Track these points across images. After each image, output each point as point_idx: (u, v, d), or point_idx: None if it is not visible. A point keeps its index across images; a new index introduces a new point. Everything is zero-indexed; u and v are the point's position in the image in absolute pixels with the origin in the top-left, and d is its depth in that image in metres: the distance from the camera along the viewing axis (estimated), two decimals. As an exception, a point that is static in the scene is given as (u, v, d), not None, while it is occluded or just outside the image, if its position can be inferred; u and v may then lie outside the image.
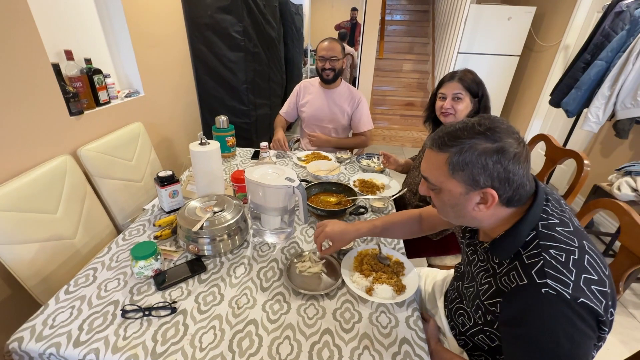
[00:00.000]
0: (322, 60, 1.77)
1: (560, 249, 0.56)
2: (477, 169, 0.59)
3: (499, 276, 0.64)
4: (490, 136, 0.58)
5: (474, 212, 0.64)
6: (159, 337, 0.73)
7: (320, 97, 1.88)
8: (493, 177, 0.58)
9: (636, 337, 1.58)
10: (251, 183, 0.98)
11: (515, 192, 0.60)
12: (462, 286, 0.81)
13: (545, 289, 0.53)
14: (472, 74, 1.21)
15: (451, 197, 0.64)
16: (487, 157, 0.58)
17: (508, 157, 0.58)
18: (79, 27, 1.49)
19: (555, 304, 0.52)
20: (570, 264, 0.55)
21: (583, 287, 0.53)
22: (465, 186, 0.61)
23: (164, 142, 2.03)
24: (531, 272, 0.56)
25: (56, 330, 0.74)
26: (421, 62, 4.90)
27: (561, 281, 0.53)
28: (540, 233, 0.59)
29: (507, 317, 0.61)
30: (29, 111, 1.15)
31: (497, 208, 0.63)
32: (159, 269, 0.90)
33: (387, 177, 1.50)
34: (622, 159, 2.29)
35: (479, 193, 0.61)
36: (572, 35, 2.84)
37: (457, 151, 0.60)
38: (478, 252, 0.74)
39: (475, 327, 0.74)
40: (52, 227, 1.12)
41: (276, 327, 0.77)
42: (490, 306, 0.66)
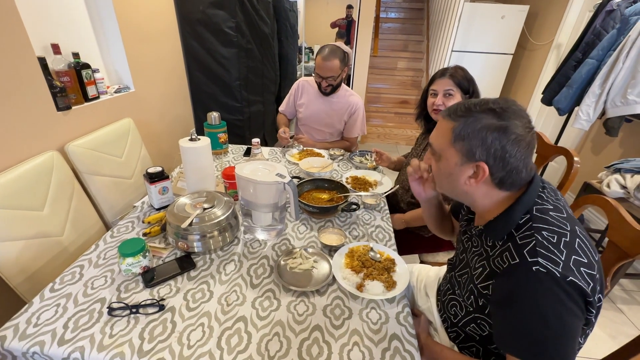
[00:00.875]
0: (319, 77, 1.71)
1: (552, 231, 0.58)
2: (475, 141, 0.61)
3: (492, 258, 0.65)
4: (499, 114, 0.60)
5: (465, 186, 0.66)
6: (146, 334, 0.72)
7: (318, 101, 1.84)
8: (489, 152, 0.60)
9: (625, 331, 1.61)
10: (242, 179, 0.98)
11: (508, 174, 0.62)
12: (455, 275, 0.81)
13: (536, 267, 0.55)
14: (463, 71, 1.21)
15: (447, 166, 0.67)
16: (488, 132, 0.60)
17: (508, 137, 0.59)
18: (67, 21, 1.46)
19: (545, 281, 0.54)
20: (561, 245, 0.56)
21: (572, 267, 0.54)
22: (461, 157, 0.64)
23: (155, 139, 2.00)
24: (523, 252, 0.57)
25: (40, 328, 0.72)
26: (416, 60, 4.91)
27: (552, 260, 0.54)
28: (534, 216, 0.61)
29: (498, 297, 0.62)
30: (14, 106, 1.12)
31: (489, 188, 0.65)
32: (147, 266, 0.89)
33: (379, 174, 1.50)
34: (612, 157, 2.32)
35: (472, 166, 0.63)
36: (565, 33, 2.86)
37: (463, 121, 0.62)
38: (472, 239, 0.75)
39: (467, 316, 0.74)
40: (38, 224, 1.10)
41: (265, 324, 0.76)
42: (483, 289, 0.66)
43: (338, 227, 1.14)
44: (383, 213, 1.25)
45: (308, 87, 1.89)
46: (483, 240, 0.70)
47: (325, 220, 1.18)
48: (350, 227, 1.15)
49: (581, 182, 1.91)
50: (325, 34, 6.49)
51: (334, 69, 1.66)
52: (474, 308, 0.71)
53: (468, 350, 0.78)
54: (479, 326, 0.71)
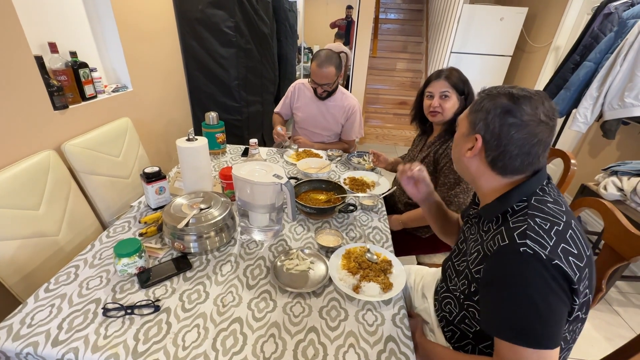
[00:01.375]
0: (314, 83, 1.70)
1: (545, 219, 0.60)
2: (481, 114, 0.66)
3: (485, 242, 0.66)
4: (514, 98, 0.63)
5: (464, 158, 0.71)
6: (141, 335, 0.72)
7: (315, 104, 1.83)
8: (487, 127, 0.65)
9: (621, 334, 1.61)
10: (239, 180, 0.97)
11: (501, 155, 0.65)
12: (452, 266, 0.81)
13: (523, 248, 0.56)
14: (458, 72, 1.21)
15: (458, 134, 0.74)
16: (493, 109, 0.64)
17: (510, 119, 0.62)
18: (64, 19, 1.46)
19: (531, 262, 0.55)
20: (552, 232, 0.58)
21: (560, 253, 0.56)
22: (469, 127, 0.69)
23: (153, 138, 1.99)
24: (513, 234, 0.59)
25: (34, 329, 0.72)
26: (415, 61, 4.91)
27: (540, 243, 0.56)
28: (531, 205, 0.63)
29: (485, 279, 0.63)
30: (10, 105, 1.12)
31: (484, 167, 0.69)
32: (143, 266, 0.88)
33: (377, 175, 1.50)
34: (609, 159, 2.33)
35: (472, 138, 0.68)
36: (563, 36, 2.87)
37: (485, 96, 0.67)
38: (472, 227, 0.78)
39: (460, 310, 0.75)
40: (34, 224, 1.10)
41: (261, 326, 0.76)
42: (475, 273, 0.68)
43: (335, 228, 1.14)
44: (380, 214, 1.25)
45: (304, 89, 1.87)
46: (480, 225, 0.73)
47: (323, 221, 1.18)
48: (347, 228, 1.15)
49: (578, 184, 1.91)
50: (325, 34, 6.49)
51: (330, 76, 1.65)
52: (465, 294, 0.72)
53: (463, 350, 0.79)
54: (470, 319, 0.72)
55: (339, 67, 1.67)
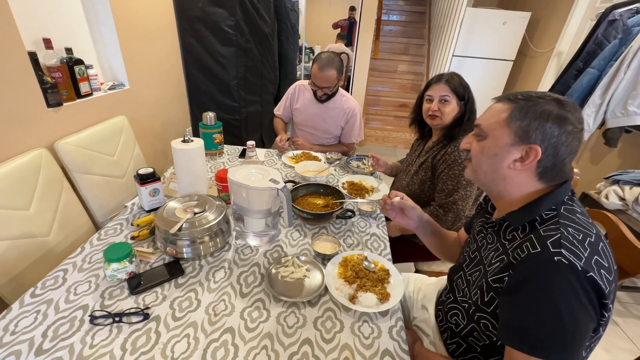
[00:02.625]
0: (314, 86, 1.68)
1: (578, 230, 0.58)
2: (535, 122, 0.61)
3: (509, 250, 0.63)
4: (562, 104, 0.61)
5: (507, 170, 0.65)
6: (129, 345, 0.70)
7: (314, 107, 1.81)
8: (545, 136, 0.60)
9: (619, 345, 1.60)
10: (234, 184, 0.95)
11: (555, 164, 0.62)
12: (464, 276, 0.78)
13: (558, 257, 0.54)
14: (459, 77, 1.19)
15: (494, 146, 0.66)
16: (549, 116, 0.60)
17: (566, 127, 0.60)
18: (60, 15, 1.42)
19: (565, 272, 0.53)
20: (585, 243, 0.56)
21: (594, 266, 0.54)
22: (514, 137, 0.63)
23: (149, 138, 1.97)
24: (546, 242, 0.57)
25: (18, 336, 0.69)
26: (416, 64, 4.89)
27: (575, 254, 0.54)
28: (561, 214, 0.61)
29: (510, 284, 0.60)
30: (2, 101, 1.09)
31: (529, 176, 0.64)
32: (133, 271, 0.86)
33: (376, 180, 1.48)
34: (611, 167, 2.31)
35: (524, 148, 0.62)
36: (566, 42, 2.85)
37: (524, 103, 0.63)
38: (488, 236, 0.74)
39: (470, 322, 0.72)
40: (23, 224, 1.07)
41: (254, 337, 0.74)
42: (494, 282, 0.64)
43: (332, 234, 1.12)
44: (379, 220, 1.22)
45: (304, 91, 1.85)
46: (501, 234, 0.69)
47: (320, 226, 1.15)
48: (345, 234, 1.13)
49: (580, 192, 1.90)
50: (327, 34, 6.47)
51: (331, 80, 1.62)
52: (477, 305, 0.68)
53: None
54: (480, 332, 0.69)
55: (340, 70, 1.65)
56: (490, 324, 0.66)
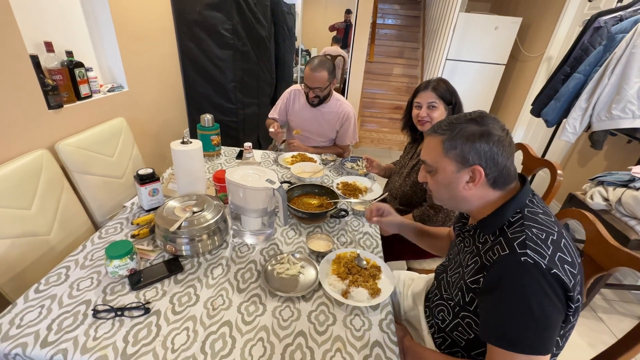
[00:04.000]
0: (307, 87, 1.71)
1: (541, 230, 0.63)
2: (466, 147, 0.68)
3: (482, 252, 0.69)
4: (479, 122, 0.68)
5: (464, 191, 0.71)
6: (131, 337, 0.73)
7: (309, 110, 1.84)
8: (480, 155, 0.67)
9: (604, 340, 1.65)
10: (231, 184, 0.98)
11: (500, 173, 0.68)
12: (445, 277, 0.84)
13: (524, 258, 0.59)
14: (445, 83, 1.24)
15: (445, 176, 0.72)
16: (475, 138, 0.67)
17: (493, 139, 0.67)
18: (61, 19, 1.46)
19: (532, 271, 0.58)
20: (548, 242, 0.61)
21: (557, 262, 0.59)
22: (456, 164, 0.70)
23: (148, 139, 1.99)
24: (513, 244, 0.62)
25: (23, 330, 0.72)
26: (411, 67, 4.96)
27: (539, 253, 0.59)
28: (525, 216, 0.66)
29: (485, 285, 0.65)
30: (4, 103, 1.12)
31: (484, 189, 0.71)
32: (134, 268, 0.89)
33: (370, 181, 1.52)
34: (597, 169, 2.38)
35: (468, 171, 0.69)
36: (555, 47, 2.93)
37: (450, 133, 0.70)
38: (465, 240, 0.79)
39: (454, 318, 0.77)
40: (25, 223, 1.09)
41: (250, 329, 0.77)
42: (471, 283, 0.70)
43: (326, 233, 1.16)
44: (371, 220, 1.26)
45: (300, 95, 1.88)
46: (475, 238, 0.75)
47: (314, 225, 1.19)
48: (338, 233, 1.17)
49: (567, 192, 1.96)
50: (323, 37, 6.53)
51: (322, 80, 1.66)
52: (461, 305, 0.74)
53: (453, 356, 0.80)
54: (465, 328, 0.74)
55: (332, 72, 1.69)
56: (474, 322, 0.72)
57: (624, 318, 1.80)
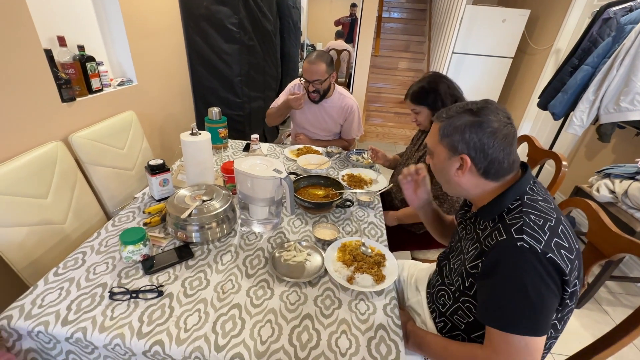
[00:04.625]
0: (305, 81, 1.69)
1: (539, 216, 0.65)
2: (456, 137, 0.71)
3: (482, 238, 0.71)
4: (475, 112, 0.70)
5: (455, 178, 0.75)
6: (145, 318, 0.76)
7: (313, 105, 1.82)
8: (469, 145, 0.70)
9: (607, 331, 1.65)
10: (240, 173, 1.01)
11: (490, 164, 0.70)
12: (448, 264, 0.86)
13: (520, 243, 0.61)
14: (419, 87, 1.26)
15: (439, 161, 0.77)
16: (466, 128, 0.69)
17: (484, 130, 0.68)
18: (73, 14, 1.49)
19: (527, 255, 0.60)
20: (545, 228, 0.62)
21: (553, 247, 0.60)
22: (447, 151, 0.74)
23: (156, 132, 2.03)
24: (511, 230, 0.64)
25: (45, 309, 0.76)
26: (417, 61, 4.93)
27: (535, 238, 0.61)
28: (525, 203, 0.68)
29: (484, 269, 0.68)
30: (21, 96, 1.16)
31: (477, 179, 0.73)
32: (147, 254, 0.93)
33: (375, 173, 1.54)
34: (604, 162, 2.36)
35: (457, 159, 0.72)
36: (564, 39, 2.89)
37: (446, 121, 0.73)
38: (467, 227, 0.82)
39: (454, 303, 0.79)
40: (42, 212, 1.14)
41: (259, 312, 0.81)
42: (471, 269, 0.72)
43: (332, 222, 1.18)
44: (376, 210, 1.29)
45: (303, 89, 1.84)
46: (476, 225, 0.77)
47: (320, 215, 1.22)
48: (344, 222, 1.19)
49: (573, 185, 1.95)
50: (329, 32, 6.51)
51: (320, 72, 1.63)
52: (461, 290, 0.76)
53: (454, 339, 0.82)
54: (464, 312, 0.76)
55: (331, 64, 1.67)
56: (473, 306, 0.74)
57: (628, 310, 1.79)
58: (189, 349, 0.71)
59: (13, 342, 0.75)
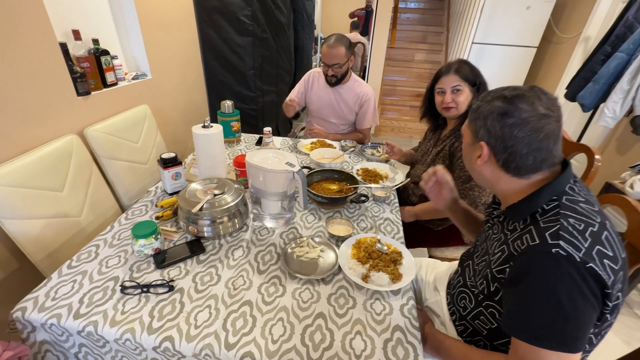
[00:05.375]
0: (325, 65, 1.71)
1: (579, 220, 0.57)
2: (480, 122, 0.67)
3: (510, 241, 0.65)
4: (508, 99, 0.63)
5: (475, 165, 0.70)
6: (156, 313, 0.75)
7: (328, 92, 1.83)
8: (490, 133, 0.65)
9: None
10: (252, 167, 0.98)
11: (511, 156, 0.64)
12: (471, 265, 0.80)
13: (555, 249, 0.54)
14: (468, 64, 1.19)
15: (465, 145, 0.75)
16: (491, 114, 0.64)
17: (510, 120, 0.62)
18: (87, 7, 1.49)
19: (563, 264, 0.53)
20: (586, 234, 0.55)
21: (595, 256, 0.54)
22: (472, 136, 0.70)
23: (170, 125, 2.04)
24: (545, 234, 0.57)
25: (58, 302, 0.76)
26: (434, 52, 4.78)
27: (574, 245, 0.54)
28: (563, 204, 0.60)
29: (511, 276, 0.61)
30: (37, 90, 1.16)
31: (498, 171, 0.68)
32: (158, 248, 0.91)
33: (391, 169, 1.48)
34: (638, 157, 2.21)
35: (478, 146, 0.68)
36: (594, 26, 2.71)
37: (479, 104, 0.68)
38: (494, 227, 0.76)
39: (476, 307, 0.74)
40: (58, 205, 1.15)
41: (270, 309, 0.78)
42: (497, 273, 0.66)
43: (346, 218, 1.14)
44: (392, 206, 1.24)
45: (318, 78, 1.87)
46: (504, 225, 0.71)
47: (334, 210, 1.18)
48: (358, 218, 1.15)
49: (603, 181, 1.83)
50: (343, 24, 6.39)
51: (340, 56, 1.65)
52: (485, 294, 0.70)
53: (474, 344, 0.77)
54: (488, 318, 0.71)
55: (349, 48, 1.68)
56: (497, 312, 0.68)
57: (663, 315, 1.69)
58: (199, 346, 0.69)
59: (28, 333, 0.75)
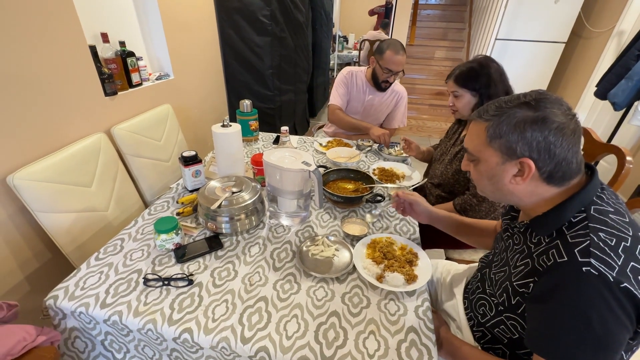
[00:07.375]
0: (388, 72, 1.65)
1: (611, 234, 0.53)
2: (514, 137, 0.58)
3: (535, 255, 0.61)
4: (534, 105, 0.57)
5: (510, 185, 0.62)
6: (176, 305, 0.78)
7: (365, 96, 1.80)
8: (531, 146, 0.57)
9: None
10: (269, 165, 1.00)
11: (557, 166, 0.58)
12: (489, 273, 0.78)
13: (586, 268, 0.50)
14: (468, 69, 1.16)
15: (488, 168, 0.64)
16: (526, 125, 0.57)
17: (549, 126, 0.56)
18: (114, 11, 1.56)
19: (595, 284, 0.50)
20: (619, 249, 0.52)
21: (629, 274, 0.50)
22: (501, 155, 0.61)
23: (191, 124, 2.10)
24: (574, 250, 0.53)
25: (86, 292, 0.81)
26: (455, 49, 4.66)
27: (606, 263, 0.50)
28: (591, 216, 0.56)
29: (537, 293, 0.58)
30: (69, 91, 1.23)
31: (537, 184, 0.61)
32: (179, 243, 0.95)
33: (409, 168, 1.47)
34: (675, 159, 2.08)
35: (515, 163, 0.60)
36: (629, 20, 2.56)
37: (496, 119, 0.60)
38: (514, 236, 0.72)
39: (497, 316, 0.71)
40: (87, 200, 1.21)
41: (285, 306, 0.79)
42: (519, 287, 0.63)
43: (361, 217, 1.14)
44: (409, 206, 1.22)
45: (357, 77, 1.81)
46: (527, 237, 0.66)
47: (349, 210, 1.18)
48: (373, 218, 1.15)
49: (634, 185, 1.74)
50: (362, 22, 6.35)
51: (404, 63, 1.65)
52: (506, 307, 0.67)
53: (493, 352, 0.75)
54: (509, 328, 0.68)
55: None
56: (519, 325, 0.65)
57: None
58: (216, 338, 0.71)
59: (59, 320, 0.80)
